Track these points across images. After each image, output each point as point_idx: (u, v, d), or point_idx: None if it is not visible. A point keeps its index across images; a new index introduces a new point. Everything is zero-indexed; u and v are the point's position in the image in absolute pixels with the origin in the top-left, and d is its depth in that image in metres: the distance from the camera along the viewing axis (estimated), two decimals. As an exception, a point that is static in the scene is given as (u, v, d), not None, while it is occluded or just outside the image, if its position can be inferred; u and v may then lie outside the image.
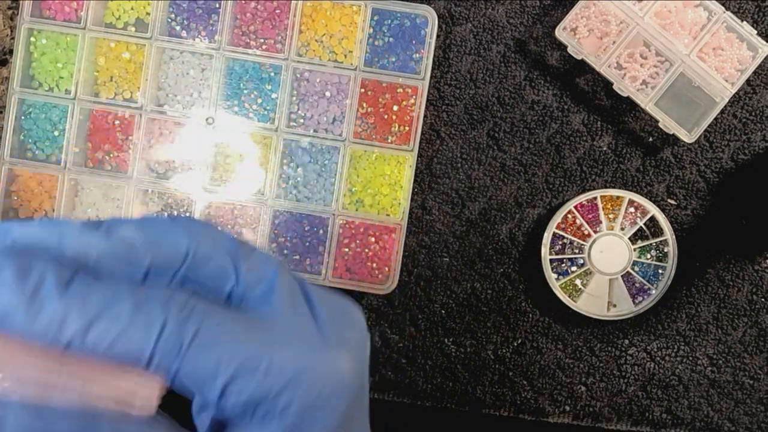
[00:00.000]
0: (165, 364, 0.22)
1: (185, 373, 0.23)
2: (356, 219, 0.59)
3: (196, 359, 0.23)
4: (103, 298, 0.22)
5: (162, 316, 0.22)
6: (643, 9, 0.56)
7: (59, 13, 0.59)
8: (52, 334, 0.22)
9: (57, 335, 0.22)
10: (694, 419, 0.62)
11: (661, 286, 0.60)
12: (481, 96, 0.61)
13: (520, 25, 0.60)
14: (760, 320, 0.62)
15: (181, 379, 0.23)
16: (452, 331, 0.62)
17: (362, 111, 0.59)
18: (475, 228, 0.61)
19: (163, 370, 0.23)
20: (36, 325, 0.22)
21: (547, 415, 0.63)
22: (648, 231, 0.60)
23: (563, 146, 0.61)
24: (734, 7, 0.59)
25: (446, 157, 0.61)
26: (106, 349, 0.22)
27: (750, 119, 0.60)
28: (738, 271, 0.61)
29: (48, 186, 0.60)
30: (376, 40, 0.59)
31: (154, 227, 0.24)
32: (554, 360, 0.62)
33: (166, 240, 0.24)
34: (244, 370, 0.23)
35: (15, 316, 0.22)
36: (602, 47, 0.57)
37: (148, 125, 0.60)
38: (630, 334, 0.62)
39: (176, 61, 0.60)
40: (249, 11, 0.59)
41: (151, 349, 0.22)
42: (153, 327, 0.22)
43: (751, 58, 0.57)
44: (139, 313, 0.22)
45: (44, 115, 0.60)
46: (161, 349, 0.22)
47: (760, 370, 0.62)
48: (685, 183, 0.61)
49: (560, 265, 0.60)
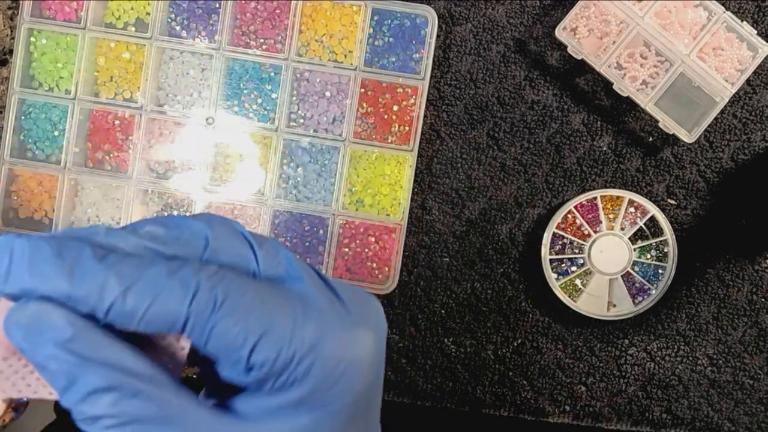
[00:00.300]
0: (199, 325, 0.24)
1: (216, 335, 0.24)
2: (356, 219, 0.59)
3: (227, 321, 0.24)
4: (139, 267, 0.24)
5: (194, 280, 0.24)
6: (643, 9, 0.56)
7: (59, 13, 0.59)
8: (94, 300, 0.23)
9: (99, 300, 0.23)
10: (694, 419, 0.62)
11: (661, 286, 0.60)
12: (481, 96, 0.61)
13: (520, 25, 0.60)
14: (760, 320, 0.62)
15: (212, 343, 0.24)
16: (452, 331, 0.62)
17: (362, 111, 0.59)
18: (475, 228, 0.61)
19: (197, 332, 0.24)
20: (78, 292, 0.23)
21: (547, 415, 0.63)
22: (648, 231, 0.60)
23: (563, 146, 0.61)
24: (734, 7, 0.59)
25: (446, 157, 0.61)
26: (145, 313, 0.23)
27: (750, 119, 0.60)
28: (738, 271, 0.61)
29: (48, 186, 0.60)
30: (376, 40, 0.59)
31: (174, 221, 0.26)
32: (554, 360, 0.62)
33: (186, 230, 0.25)
34: (271, 333, 0.24)
35: (58, 285, 0.23)
36: (602, 47, 0.57)
37: (148, 125, 0.60)
38: (630, 334, 0.62)
39: (176, 61, 0.60)
40: (249, 11, 0.59)
41: (186, 310, 0.23)
42: (187, 289, 0.23)
43: (751, 58, 0.57)
44: (173, 278, 0.24)
45: (44, 115, 0.60)
46: (195, 310, 0.24)
47: (760, 370, 0.62)
48: (685, 183, 0.61)
49: (560, 265, 0.60)
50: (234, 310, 0.24)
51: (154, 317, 0.23)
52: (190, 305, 0.24)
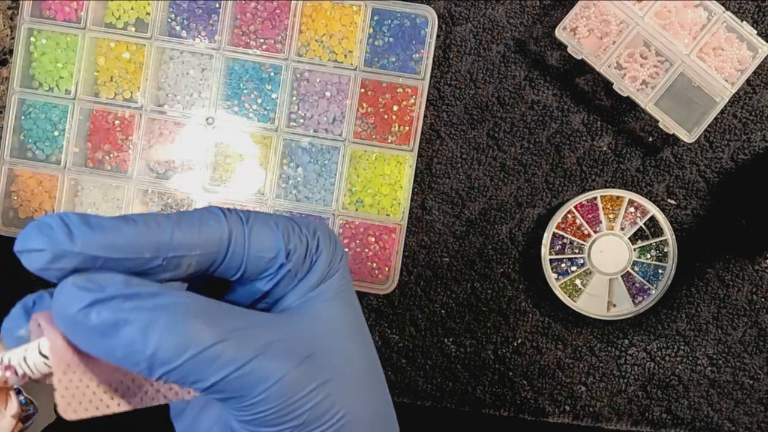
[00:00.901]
0: (239, 236, 0.28)
1: (254, 237, 0.29)
2: (356, 219, 0.59)
3: (258, 225, 0.29)
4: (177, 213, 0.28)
5: (220, 209, 0.29)
6: (643, 9, 0.56)
7: (59, 13, 0.59)
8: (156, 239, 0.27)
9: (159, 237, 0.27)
10: (694, 419, 0.62)
11: (661, 286, 0.60)
12: (481, 96, 0.61)
13: (520, 25, 0.60)
14: (760, 320, 0.62)
15: (253, 246, 0.29)
16: (452, 331, 0.62)
17: (362, 111, 0.59)
18: (475, 228, 0.61)
19: (239, 243, 0.28)
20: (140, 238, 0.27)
21: (547, 415, 0.63)
22: (648, 231, 0.60)
23: (563, 146, 0.61)
24: (734, 7, 0.59)
25: (446, 157, 0.61)
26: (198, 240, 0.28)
27: (750, 119, 0.60)
28: (738, 271, 0.61)
29: (48, 186, 0.60)
30: (376, 40, 0.59)
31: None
32: (554, 360, 0.62)
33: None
34: (291, 229, 0.30)
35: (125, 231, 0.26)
36: (602, 47, 0.57)
37: (148, 125, 0.60)
38: (630, 334, 0.62)
39: (176, 61, 0.60)
40: (249, 11, 0.59)
41: (227, 227, 0.28)
42: (219, 215, 0.29)
43: (751, 58, 0.57)
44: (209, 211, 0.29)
45: (44, 115, 0.60)
46: (232, 222, 0.28)
47: (760, 370, 0.62)
48: (685, 183, 0.61)
49: (560, 265, 0.60)
50: (258, 216, 0.29)
51: (206, 243, 0.27)
52: (227, 221, 0.28)
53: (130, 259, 0.26)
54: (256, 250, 0.29)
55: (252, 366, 0.26)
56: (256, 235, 0.29)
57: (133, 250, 0.26)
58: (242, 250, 0.28)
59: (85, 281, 0.25)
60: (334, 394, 0.28)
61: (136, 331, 0.25)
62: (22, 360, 0.27)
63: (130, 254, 0.26)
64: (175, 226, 0.27)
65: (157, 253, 0.26)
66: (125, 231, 0.26)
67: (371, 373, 0.32)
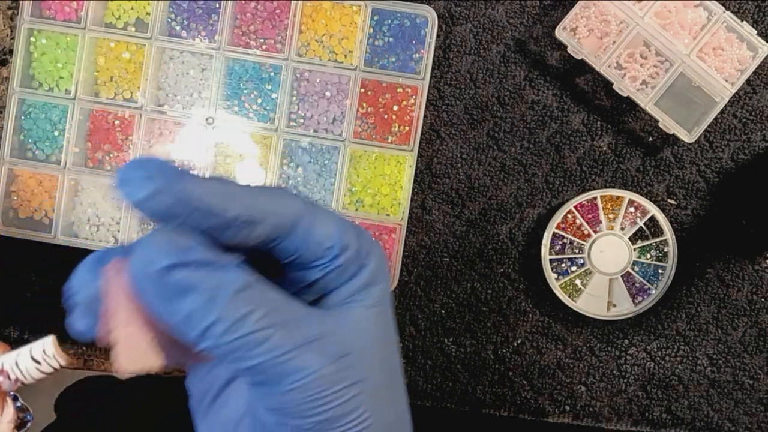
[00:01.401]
0: (307, 219, 0.29)
1: (319, 226, 0.30)
2: (356, 219, 0.59)
3: (323, 222, 0.30)
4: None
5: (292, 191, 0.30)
6: (643, 9, 0.56)
7: (59, 13, 0.59)
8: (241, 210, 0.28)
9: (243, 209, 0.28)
10: (694, 419, 0.62)
11: (661, 286, 0.60)
12: (481, 96, 0.61)
13: (520, 25, 0.60)
14: (760, 320, 0.62)
15: (318, 232, 0.29)
16: (452, 331, 0.62)
17: (362, 111, 0.59)
18: (475, 228, 0.61)
19: (306, 224, 0.29)
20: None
21: (547, 415, 0.63)
22: (648, 231, 0.60)
23: (563, 146, 0.61)
24: (734, 7, 0.59)
25: (446, 157, 0.61)
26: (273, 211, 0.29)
27: (750, 119, 0.60)
28: (738, 271, 0.61)
29: (48, 186, 0.60)
30: (376, 40, 0.59)
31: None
32: (554, 360, 0.62)
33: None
34: (346, 228, 0.31)
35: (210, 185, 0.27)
36: (602, 47, 0.57)
37: (148, 125, 0.60)
38: (630, 334, 0.62)
39: (176, 61, 0.60)
40: (249, 11, 0.59)
41: (302, 208, 0.29)
42: (295, 197, 0.30)
43: (751, 58, 0.57)
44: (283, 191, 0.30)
45: (44, 115, 0.60)
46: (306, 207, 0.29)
47: (760, 370, 0.62)
48: (685, 183, 0.61)
49: (560, 265, 0.60)
50: (322, 207, 0.30)
51: (281, 214, 0.28)
52: (301, 200, 0.29)
53: (215, 215, 0.27)
54: (318, 236, 0.29)
55: (293, 354, 0.27)
56: (320, 221, 0.30)
57: (220, 207, 0.27)
58: (306, 232, 0.29)
59: (170, 241, 0.26)
60: (361, 397, 0.29)
61: (200, 301, 0.26)
62: (14, 365, 0.27)
63: (217, 209, 0.27)
64: (258, 192, 0.28)
65: (239, 213, 0.27)
66: (215, 184, 0.27)
67: (396, 384, 0.32)
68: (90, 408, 0.72)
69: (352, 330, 0.30)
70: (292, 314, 0.28)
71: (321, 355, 0.28)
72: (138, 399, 0.71)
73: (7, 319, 0.62)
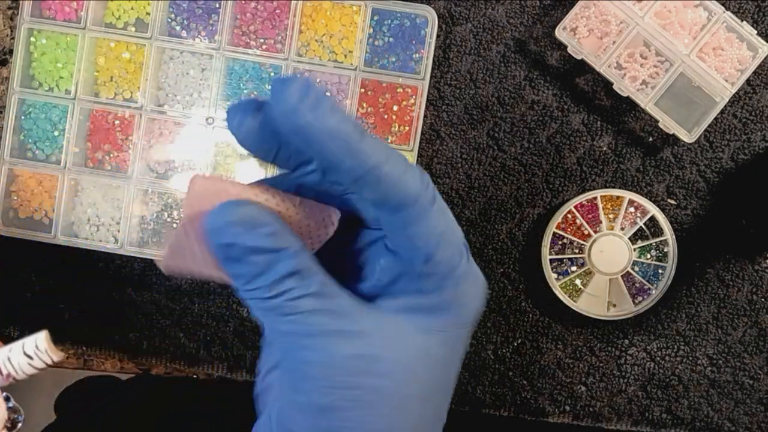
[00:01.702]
0: (428, 198, 0.29)
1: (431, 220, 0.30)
2: (356, 219, 0.59)
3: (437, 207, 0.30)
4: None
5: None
6: (643, 9, 0.56)
7: (59, 13, 0.59)
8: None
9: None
10: (694, 419, 0.62)
11: (661, 286, 0.60)
12: (481, 96, 0.61)
13: (520, 25, 0.60)
14: (760, 320, 0.62)
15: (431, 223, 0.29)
16: (452, 331, 0.62)
17: (362, 111, 0.59)
18: (475, 228, 0.61)
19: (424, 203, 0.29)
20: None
21: (547, 415, 0.63)
22: (648, 231, 0.60)
23: (563, 146, 0.61)
24: (734, 7, 0.59)
25: (446, 157, 0.61)
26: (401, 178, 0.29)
27: (750, 119, 0.60)
28: (738, 271, 0.61)
29: (48, 186, 0.60)
30: (376, 40, 0.59)
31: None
32: (554, 360, 0.62)
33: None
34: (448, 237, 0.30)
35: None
36: (602, 47, 0.57)
37: (148, 125, 0.60)
38: (630, 334, 0.62)
39: (176, 61, 0.60)
40: (249, 11, 0.59)
41: (421, 190, 0.29)
42: (423, 175, 0.29)
43: (751, 58, 0.57)
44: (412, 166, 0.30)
45: (44, 115, 0.60)
46: (425, 189, 0.29)
47: (760, 370, 0.62)
48: (685, 183, 0.61)
49: (560, 265, 0.60)
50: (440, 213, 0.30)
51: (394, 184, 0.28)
52: (426, 188, 0.29)
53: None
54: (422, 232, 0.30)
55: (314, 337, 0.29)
56: (434, 218, 0.30)
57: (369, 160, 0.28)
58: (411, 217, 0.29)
59: (244, 219, 0.28)
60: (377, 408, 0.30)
61: (263, 266, 0.29)
62: (6, 360, 0.27)
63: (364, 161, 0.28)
64: (396, 158, 0.29)
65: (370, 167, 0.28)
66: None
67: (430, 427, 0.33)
68: (90, 408, 0.72)
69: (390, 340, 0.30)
70: (333, 303, 0.30)
71: (334, 346, 0.29)
72: (138, 399, 0.71)
73: (7, 319, 0.62)
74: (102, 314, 0.62)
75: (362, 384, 0.29)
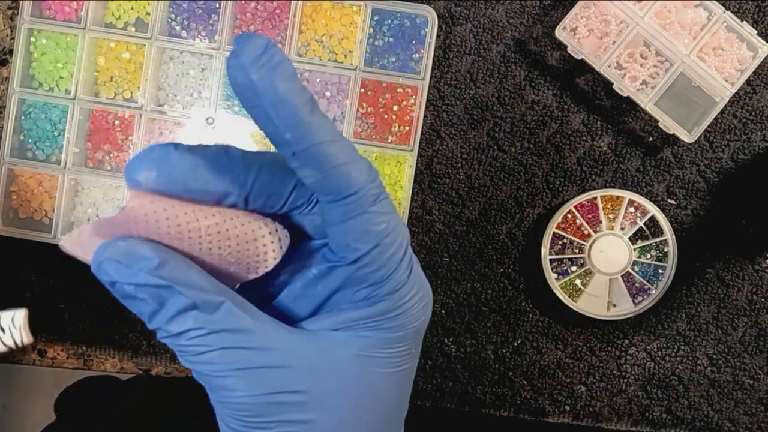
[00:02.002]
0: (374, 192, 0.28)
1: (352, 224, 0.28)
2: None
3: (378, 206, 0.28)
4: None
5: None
6: (643, 9, 0.56)
7: (59, 13, 0.59)
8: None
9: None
10: (694, 419, 0.62)
11: (661, 286, 0.60)
12: (481, 96, 0.61)
13: (520, 25, 0.60)
14: (760, 320, 0.62)
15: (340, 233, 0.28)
16: (452, 331, 0.62)
17: (362, 111, 0.59)
18: (475, 228, 0.61)
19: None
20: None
21: (547, 415, 0.63)
22: (648, 231, 0.60)
23: (563, 146, 0.61)
24: (734, 7, 0.59)
25: (446, 157, 0.61)
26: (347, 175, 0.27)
27: (750, 119, 0.60)
28: (738, 271, 0.61)
29: (48, 186, 0.60)
30: (376, 40, 0.59)
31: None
32: (554, 360, 0.62)
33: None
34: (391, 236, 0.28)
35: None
36: (602, 47, 0.57)
37: (148, 125, 0.60)
38: (630, 334, 0.62)
39: (176, 61, 0.60)
40: (249, 11, 0.59)
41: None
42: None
43: (751, 58, 0.57)
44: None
45: (44, 115, 0.60)
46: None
47: (760, 370, 0.62)
48: (685, 183, 0.61)
49: (560, 265, 0.60)
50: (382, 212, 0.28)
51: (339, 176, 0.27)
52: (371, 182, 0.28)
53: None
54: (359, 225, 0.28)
55: (226, 374, 0.27)
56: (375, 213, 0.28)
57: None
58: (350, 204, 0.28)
59: (131, 255, 0.27)
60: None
61: (154, 303, 0.27)
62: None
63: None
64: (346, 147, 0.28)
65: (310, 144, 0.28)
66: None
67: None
68: (90, 408, 0.72)
69: (319, 370, 0.28)
70: (245, 337, 0.27)
71: (252, 384, 0.27)
72: (138, 399, 0.71)
73: (7, 319, 0.62)
74: (102, 314, 0.62)
75: (292, 419, 0.28)
